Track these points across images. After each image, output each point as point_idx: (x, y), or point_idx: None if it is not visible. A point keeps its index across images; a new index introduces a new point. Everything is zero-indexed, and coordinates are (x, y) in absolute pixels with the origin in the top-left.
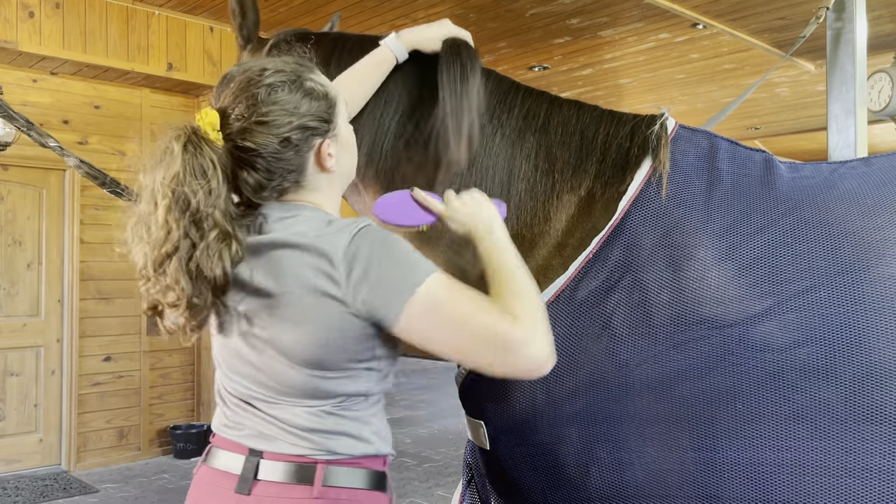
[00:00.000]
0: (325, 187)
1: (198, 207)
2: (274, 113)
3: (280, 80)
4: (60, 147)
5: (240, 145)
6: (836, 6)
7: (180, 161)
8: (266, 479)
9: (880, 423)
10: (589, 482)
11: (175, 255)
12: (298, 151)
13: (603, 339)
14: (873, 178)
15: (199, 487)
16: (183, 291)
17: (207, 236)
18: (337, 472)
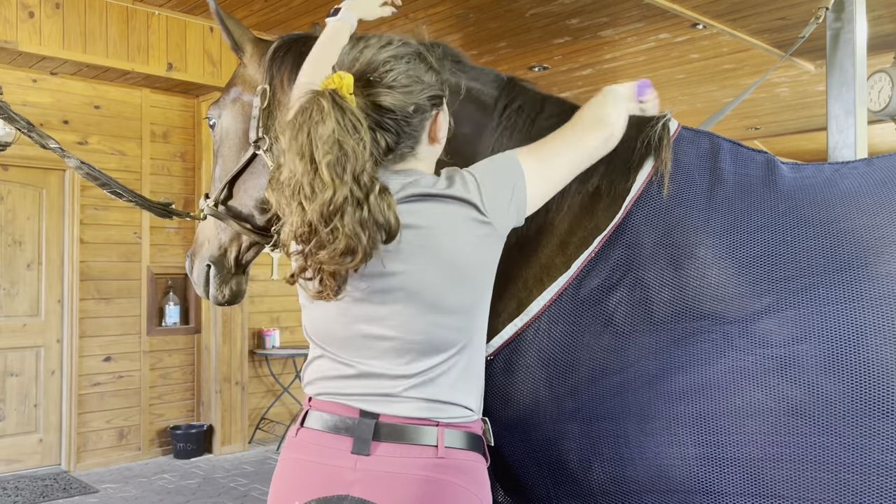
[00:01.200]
0: (428, 158)
1: (355, 162)
2: (409, 79)
3: (408, 51)
4: (61, 148)
5: (379, 104)
6: (836, 6)
7: (333, 118)
8: (385, 439)
9: (879, 418)
10: (591, 477)
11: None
12: (423, 119)
13: (605, 336)
14: (874, 177)
15: (304, 448)
16: (359, 241)
17: (373, 188)
18: (453, 434)
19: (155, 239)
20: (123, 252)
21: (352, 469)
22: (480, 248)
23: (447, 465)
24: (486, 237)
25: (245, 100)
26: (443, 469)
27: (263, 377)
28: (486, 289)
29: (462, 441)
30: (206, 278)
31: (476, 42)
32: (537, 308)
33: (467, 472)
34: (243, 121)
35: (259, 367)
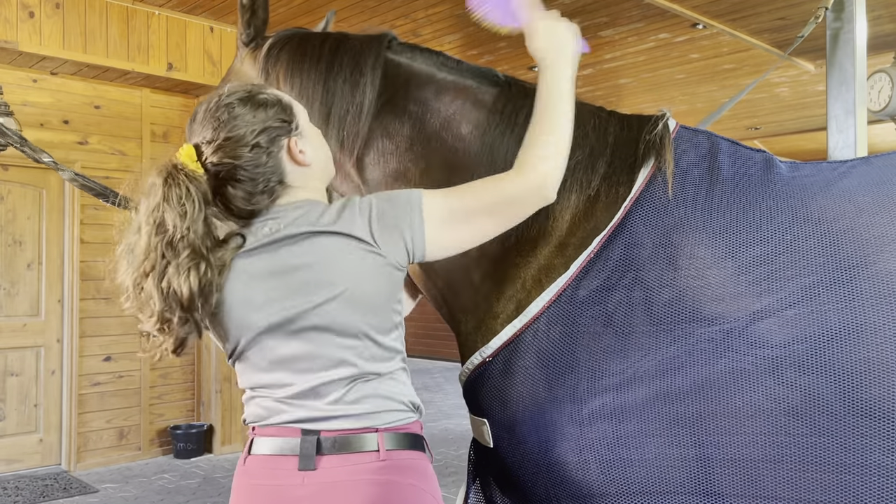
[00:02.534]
0: (309, 183)
1: (174, 230)
2: (237, 127)
3: (234, 99)
4: (55, 162)
5: (218, 163)
6: (836, 6)
7: (161, 192)
8: (328, 452)
9: (879, 418)
10: (589, 478)
11: (151, 273)
12: (270, 153)
13: (604, 337)
14: (872, 176)
15: (253, 473)
16: (155, 306)
17: (180, 255)
18: (392, 437)
19: None
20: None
21: (300, 485)
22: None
23: (391, 467)
24: (378, 267)
25: None
26: (387, 471)
27: None
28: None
29: (402, 442)
30: None
31: (476, 42)
32: (536, 309)
33: (412, 470)
34: None
35: None
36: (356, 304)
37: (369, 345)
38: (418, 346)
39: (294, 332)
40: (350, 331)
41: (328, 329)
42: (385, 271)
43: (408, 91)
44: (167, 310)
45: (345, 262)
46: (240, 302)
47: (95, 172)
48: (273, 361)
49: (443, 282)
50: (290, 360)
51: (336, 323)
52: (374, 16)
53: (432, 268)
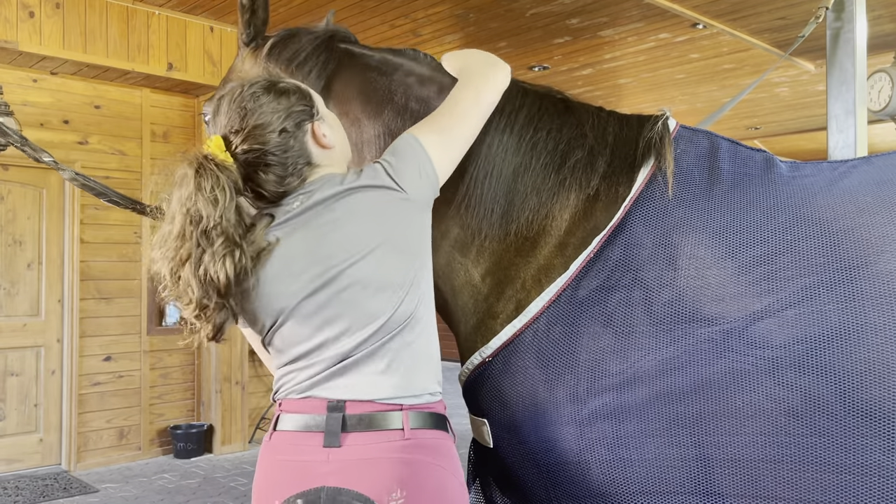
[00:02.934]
0: (335, 162)
1: (207, 220)
2: (264, 114)
3: (258, 89)
4: (55, 161)
5: (248, 150)
6: (836, 6)
7: (192, 183)
8: (353, 429)
9: (879, 419)
10: (589, 478)
11: (188, 262)
12: (296, 137)
13: (604, 337)
14: (873, 176)
15: (279, 449)
16: (193, 293)
17: (214, 243)
18: (416, 416)
19: None
20: (123, 252)
21: (325, 461)
22: (403, 218)
23: (416, 446)
24: (407, 208)
25: None
26: (412, 449)
27: (263, 377)
28: (421, 257)
29: (426, 421)
30: None
31: (476, 42)
32: (536, 309)
33: (436, 450)
34: None
35: (259, 367)
36: (394, 250)
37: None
38: None
39: (330, 295)
40: (389, 280)
41: (365, 284)
42: (416, 214)
43: (409, 89)
44: (205, 297)
45: (377, 212)
46: (275, 276)
47: (95, 172)
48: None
49: (443, 282)
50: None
51: (373, 275)
52: (374, 16)
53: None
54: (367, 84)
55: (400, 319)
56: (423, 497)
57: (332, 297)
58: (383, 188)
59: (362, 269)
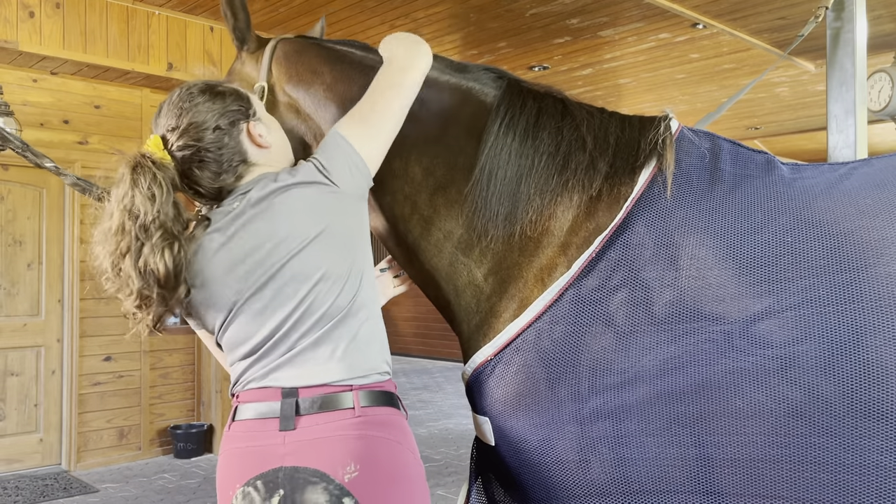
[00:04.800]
0: (272, 162)
1: (145, 215)
2: (199, 113)
3: (195, 90)
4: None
5: (183, 146)
6: (836, 6)
7: (129, 180)
8: (307, 412)
9: (879, 419)
10: (591, 477)
11: (128, 255)
12: (231, 135)
13: (605, 336)
14: (873, 178)
15: (237, 438)
16: (134, 284)
17: (153, 236)
18: (366, 394)
19: None
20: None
21: (281, 444)
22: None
23: (367, 422)
24: (341, 200)
25: None
26: (363, 426)
27: None
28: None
29: (377, 399)
30: None
31: (476, 42)
32: (538, 308)
33: (388, 425)
34: None
35: None
36: (331, 242)
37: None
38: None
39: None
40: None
41: (306, 276)
42: (351, 203)
43: None
44: (145, 287)
45: (312, 207)
46: (220, 277)
47: (95, 172)
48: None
49: (445, 283)
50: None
51: (314, 266)
52: (374, 16)
53: (436, 269)
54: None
55: (342, 306)
56: (376, 469)
57: (276, 292)
58: (316, 184)
59: (302, 261)
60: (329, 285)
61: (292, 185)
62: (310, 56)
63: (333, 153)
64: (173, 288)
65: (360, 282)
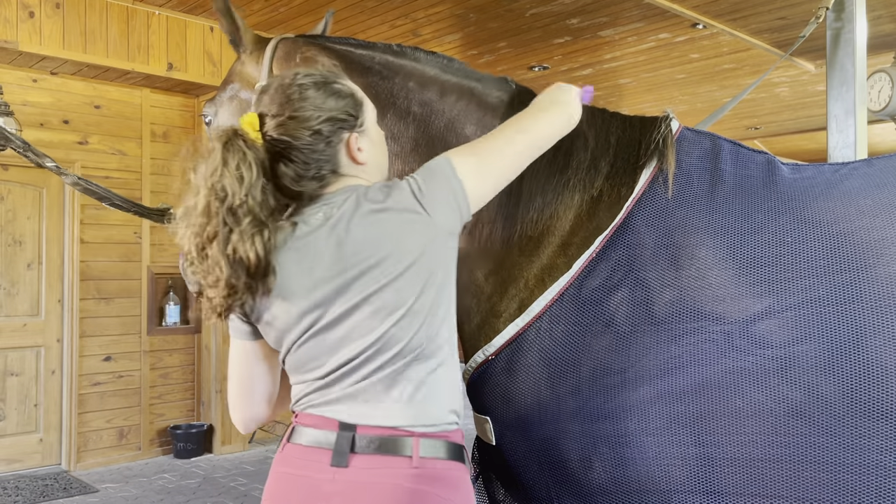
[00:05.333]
0: (362, 175)
1: (233, 197)
2: (305, 108)
3: (309, 81)
4: (57, 166)
5: (276, 139)
6: (836, 6)
7: (220, 157)
8: (362, 451)
9: (878, 419)
10: (591, 476)
11: (214, 240)
12: (329, 143)
13: (606, 336)
14: (873, 178)
15: (289, 462)
16: (222, 272)
17: (242, 222)
18: (428, 444)
19: (155, 239)
20: (123, 252)
21: (330, 481)
22: (426, 244)
23: (423, 476)
24: (431, 234)
25: (243, 97)
26: (419, 479)
27: None
28: (441, 288)
29: (439, 450)
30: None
31: (476, 42)
32: (539, 308)
33: (446, 482)
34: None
35: None
36: (414, 276)
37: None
38: None
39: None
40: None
41: (392, 309)
42: (441, 240)
43: (411, 93)
44: (234, 276)
45: (399, 237)
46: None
47: (95, 172)
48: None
49: None
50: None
51: (400, 299)
52: (374, 16)
53: None
54: (368, 89)
55: (417, 346)
56: None
57: (358, 323)
58: (408, 211)
59: (382, 294)
60: (410, 321)
61: (382, 210)
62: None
63: (436, 180)
64: (263, 276)
65: (440, 322)
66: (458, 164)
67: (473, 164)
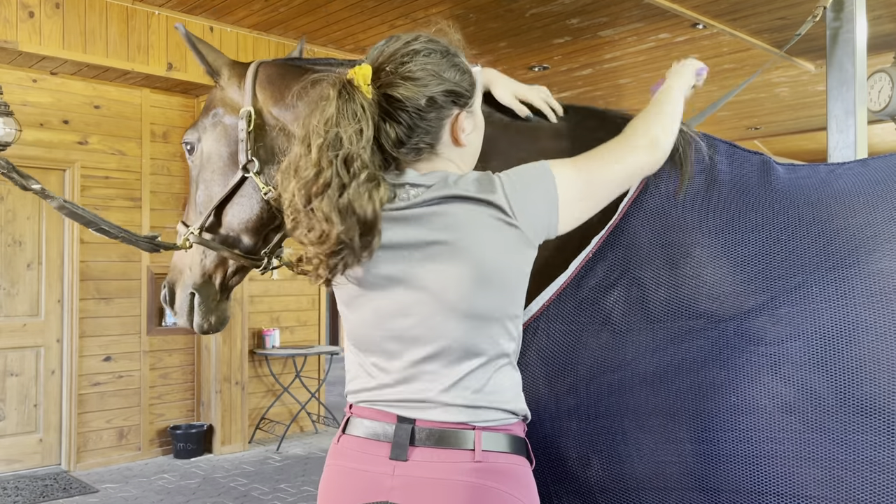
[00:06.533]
0: (457, 160)
1: (349, 147)
2: (426, 72)
3: (433, 47)
4: (43, 189)
5: (389, 95)
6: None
7: (335, 105)
8: (422, 444)
9: (871, 414)
10: (590, 474)
11: (326, 192)
12: (439, 115)
13: (603, 334)
14: (867, 177)
15: (345, 455)
16: (332, 226)
17: (359, 176)
18: (490, 437)
19: None
20: (123, 252)
21: (390, 475)
22: (508, 251)
23: (486, 469)
24: (515, 241)
25: (227, 123)
26: (481, 473)
27: (263, 377)
28: (515, 294)
29: (501, 444)
30: (191, 307)
31: (476, 42)
32: (536, 307)
33: (508, 476)
34: (227, 144)
35: (259, 367)
36: (486, 278)
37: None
38: None
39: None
40: (473, 308)
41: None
42: (520, 247)
43: None
44: (346, 231)
45: (481, 232)
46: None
47: (95, 172)
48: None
49: None
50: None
51: (463, 301)
52: (374, 16)
53: None
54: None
55: (476, 349)
56: None
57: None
58: (493, 206)
59: (450, 291)
60: (479, 325)
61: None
62: (293, 78)
63: (532, 183)
64: (373, 236)
65: (507, 328)
66: (560, 175)
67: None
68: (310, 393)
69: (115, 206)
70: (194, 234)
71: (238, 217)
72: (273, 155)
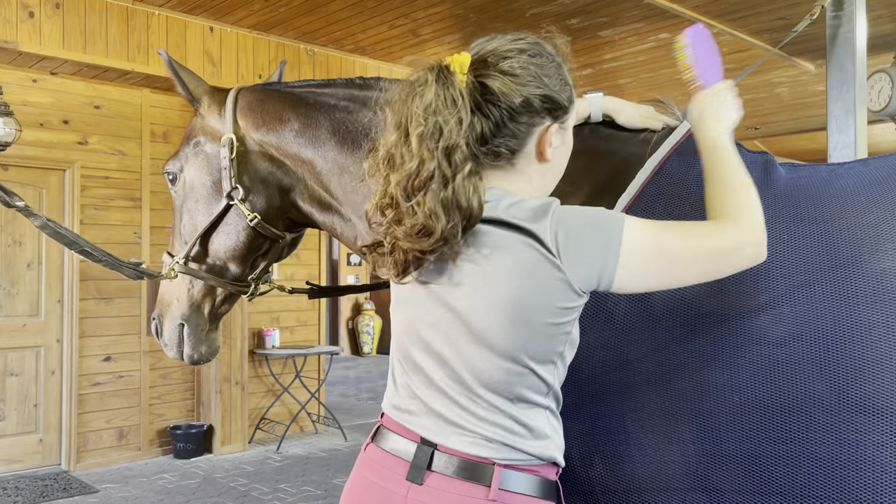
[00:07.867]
0: (533, 176)
1: (450, 137)
2: (527, 72)
3: (539, 50)
4: (27, 206)
5: (484, 84)
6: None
7: (434, 91)
8: (440, 471)
9: (873, 414)
10: (592, 474)
11: (429, 185)
12: (531, 120)
13: (605, 333)
14: (869, 177)
15: (368, 466)
16: (437, 221)
17: (462, 168)
18: (512, 476)
19: (155, 239)
20: (123, 252)
21: (403, 496)
22: (540, 289)
23: None
24: (551, 280)
25: (209, 151)
26: None
27: (263, 377)
28: (542, 337)
29: (522, 485)
30: (180, 338)
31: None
32: None
33: None
34: (210, 173)
35: (259, 367)
36: (509, 312)
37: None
38: None
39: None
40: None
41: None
42: (561, 290)
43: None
44: (451, 227)
45: (511, 262)
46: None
47: (95, 172)
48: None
49: None
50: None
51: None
52: (374, 16)
53: None
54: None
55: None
56: None
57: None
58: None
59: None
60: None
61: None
62: (273, 103)
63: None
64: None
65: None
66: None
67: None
68: (310, 393)
69: (115, 206)
70: (179, 264)
71: (224, 245)
72: (257, 181)
